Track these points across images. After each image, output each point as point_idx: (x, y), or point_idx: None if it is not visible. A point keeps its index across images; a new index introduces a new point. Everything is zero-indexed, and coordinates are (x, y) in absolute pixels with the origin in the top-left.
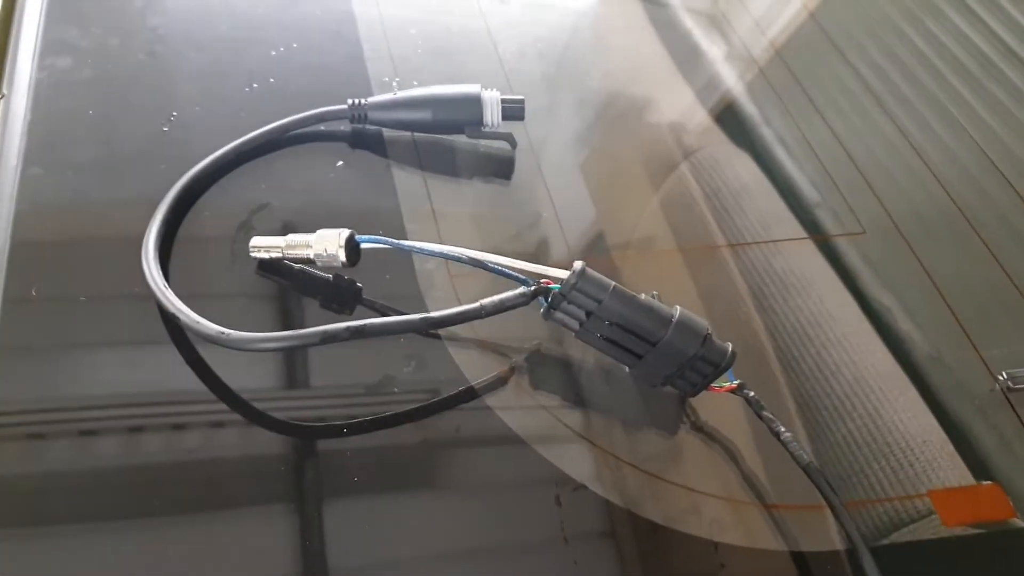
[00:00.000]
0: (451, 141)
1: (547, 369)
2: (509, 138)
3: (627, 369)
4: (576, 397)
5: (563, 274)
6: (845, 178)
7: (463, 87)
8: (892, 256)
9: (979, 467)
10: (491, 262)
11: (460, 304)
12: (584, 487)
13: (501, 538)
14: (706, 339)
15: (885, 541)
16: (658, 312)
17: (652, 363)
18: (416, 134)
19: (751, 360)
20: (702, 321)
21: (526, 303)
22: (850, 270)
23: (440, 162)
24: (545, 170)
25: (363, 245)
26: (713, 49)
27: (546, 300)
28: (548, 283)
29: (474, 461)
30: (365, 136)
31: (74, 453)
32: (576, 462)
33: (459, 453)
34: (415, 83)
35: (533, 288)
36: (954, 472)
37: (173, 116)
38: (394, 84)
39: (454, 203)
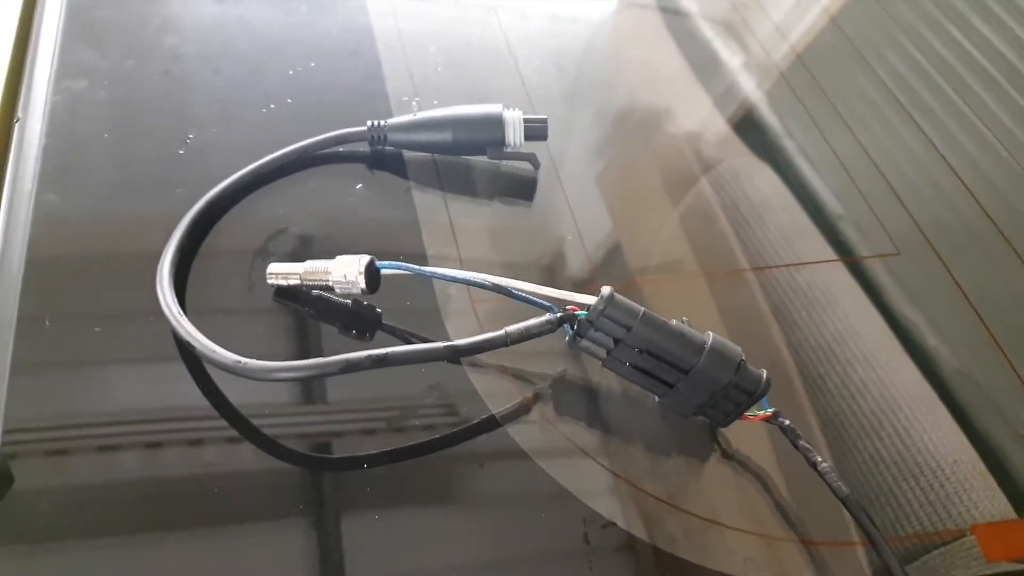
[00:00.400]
0: (472, 162)
1: (572, 398)
2: (532, 158)
3: (656, 399)
4: (603, 428)
5: (590, 300)
6: (874, 193)
7: (484, 107)
8: (925, 273)
9: (1012, 488)
10: (515, 288)
11: (482, 331)
12: (613, 524)
13: None
14: (740, 366)
15: (917, 563)
16: (690, 338)
17: (684, 392)
18: (437, 156)
19: (778, 381)
20: (736, 347)
21: (552, 331)
22: (879, 286)
23: (461, 184)
24: (568, 189)
25: (383, 271)
26: (734, 59)
27: (572, 328)
28: (574, 310)
29: (497, 498)
30: (385, 158)
31: (86, 472)
32: (605, 498)
33: (481, 489)
34: (435, 102)
35: (559, 315)
36: (986, 493)
37: (189, 138)
38: (414, 103)
39: (475, 226)
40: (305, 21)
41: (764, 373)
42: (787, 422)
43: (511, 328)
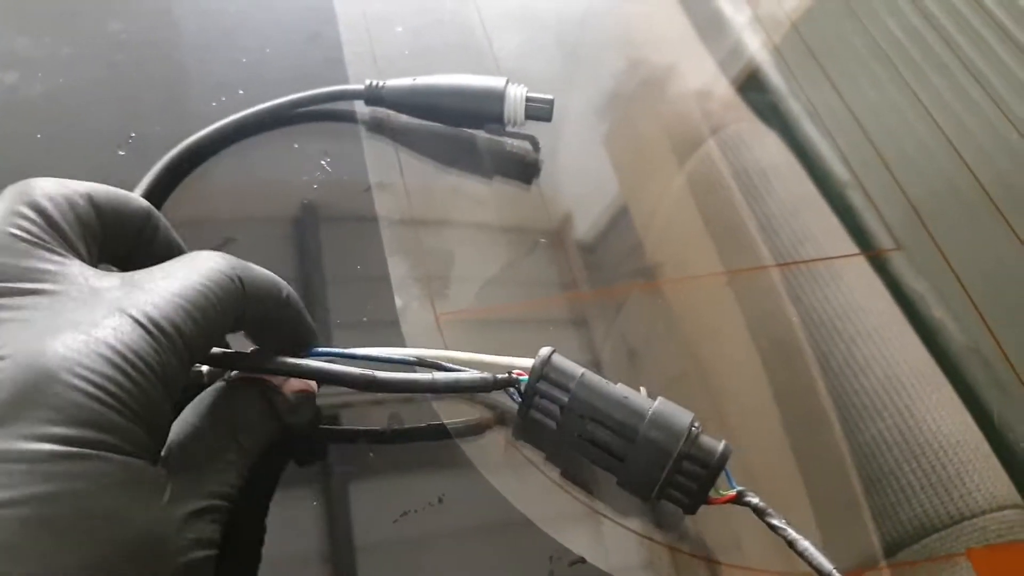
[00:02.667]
0: (475, 135)
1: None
2: (532, 140)
3: (616, 481)
4: (573, 459)
5: (528, 364)
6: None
7: (487, 79)
8: (921, 251)
9: (1015, 470)
10: (447, 360)
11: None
12: (583, 560)
13: None
14: (690, 432)
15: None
16: (633, 402)
17: (636, 467)
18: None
19: (782, 360)
20: (686, 412)
21: (487, 390)
22: (887, 264)
23: (454, 157)
24: (561, 174)
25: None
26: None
27: (519, 394)
28: (519, 374)
29: (456, 530)
30: (380, 122)
31: None
32: (574, 531)
33: (439, 520)
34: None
35: (498, 378)
36: (989, 475)
37: (132, 137)
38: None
39: (462, 206)
40: (260, 2)
41: (722, 443)
42: (756, 500)
43: (440, 376)
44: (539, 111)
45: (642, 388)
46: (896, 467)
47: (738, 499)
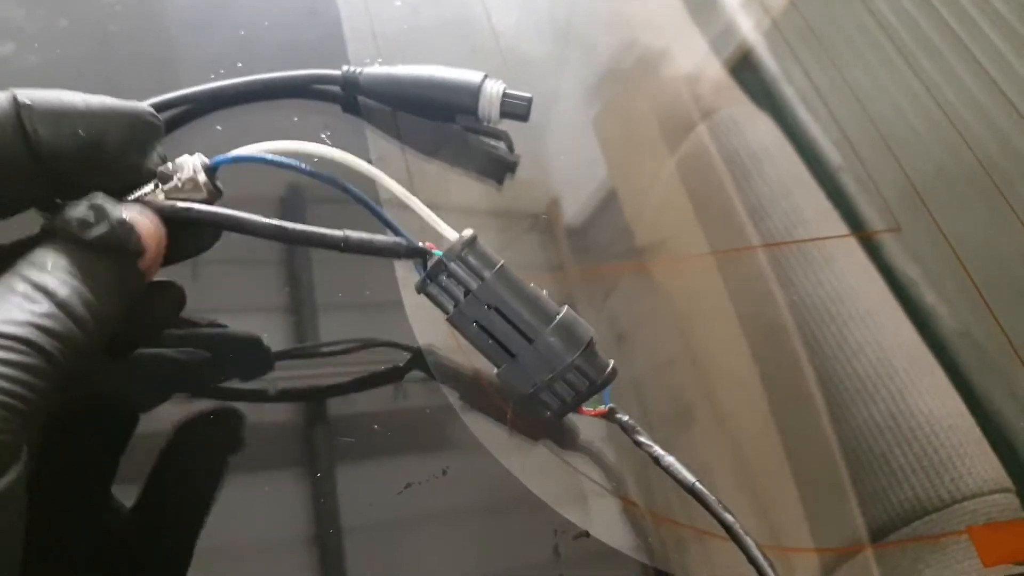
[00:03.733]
0: (446, 128)
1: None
2: (506, 137)
3: (495, 371)
4: (577, 429)
5: (453, 236)
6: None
7: (464, 72)
8: (920, 232)
9: (1006, 454)
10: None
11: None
12: (587, 534)
13: None
14: (588, 346)
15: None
16: (544, 305)
17: (525, 364)
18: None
19: (772, 342)
20: (588, 327)
21: (397, 256)
22: (879, 247)
23: (428, 147)
24: (552, 156)
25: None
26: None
27: (424, 267)
28: (431, 247)
29: (461, 504)
30: (353, 107)
31: None
32: (578, 505)
33: (444, 495)
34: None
35: (410, 246)
36: (980, 460)
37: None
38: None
39: (457, 188)
40: None
41: (611, 363)
42: (625, 418)
43: (353, 233)
44: (515, 109)
45: (544, 290)
46: (888, 451)
47: (609, 415)
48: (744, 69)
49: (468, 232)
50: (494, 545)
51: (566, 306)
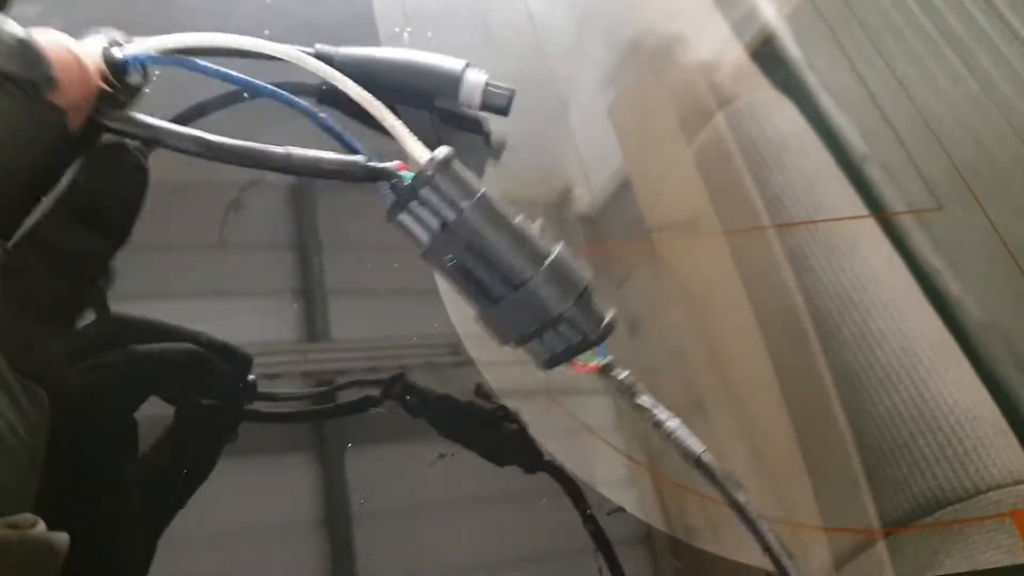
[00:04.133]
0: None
1: (587, 387)
2: (481, 129)
3: (474, 314)
4: (612, 405)
5: (425, 155)
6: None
7: (445, 59)
8: (961, 224)
9: None
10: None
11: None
12: (622, 510)
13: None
14: (584, 295)
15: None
16: (531, 244)
17: (508, 312)
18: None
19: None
20: (584, 272)
21: (353, 179)
22: (904, 232)
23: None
24: (572, 139)
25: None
26: None
27: (392, 191)
28: (402, 167)
29: (499, 481)
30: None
31: None
32: (613, 482)
33: (479, 469)
34: (429, 34)
35: (372, 165)
36: (1005, 451)
37: (156, 76)
38: (405, 34)
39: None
40: None
41: (611, 313)
42: (623, 376)
43: (296, 152)
44: (497, 100)
45: (541, 219)
46: (910, 440)
47: (604, 371)
48: (771, 54)
49: (443, 150)
50: (528, 520)
51: (560, 244)
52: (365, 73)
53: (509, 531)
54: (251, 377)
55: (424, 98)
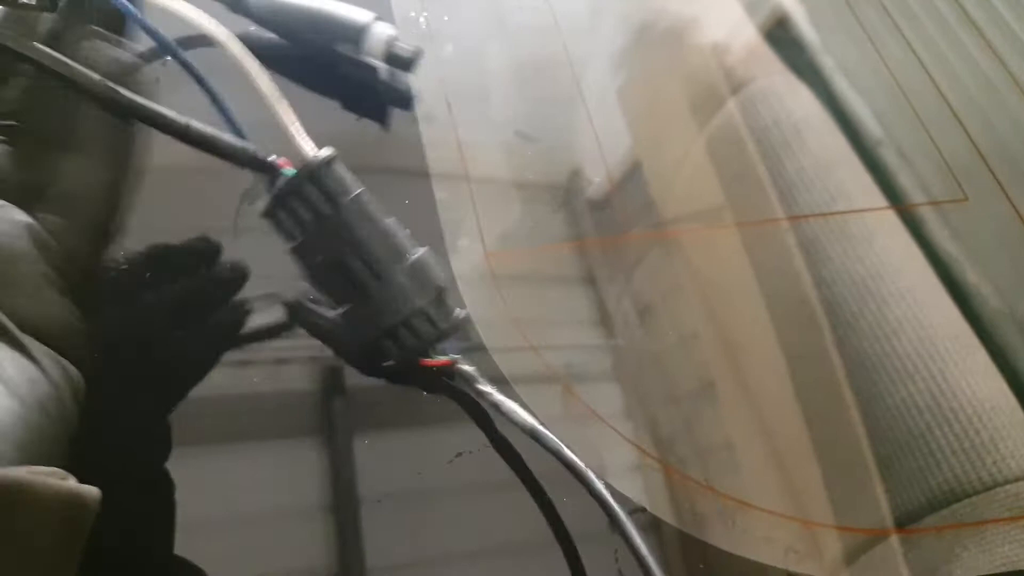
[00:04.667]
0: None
1: (601, 370)
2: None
3: (334, 313)
4: (634, 403)
5: (313, 153)
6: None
7: (356, 9)
8: (986, 214)
9: None
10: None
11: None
12: (643, 510)
13: None
14: (440, 292)
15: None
16: (399, 243)
17: (370, 307)
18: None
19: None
20: (442, 272)
21: (239, 164)
22: (922, 222)
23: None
24: (588, 121)
25: None
26: None
27: (271, 186)
28: (284, 164)
29: (518, 480)
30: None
31: None
32: (635, 481)
33: (497, 466)
34: (445, 18)
35: (254, 155)
36: (1023, 444)
37: (164, 61)
38: (421, 19)
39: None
40: None
41: (463, 313)
42: (469, 368)
43: (196, 124)
44: (402, 54)
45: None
46: (927, 431)
47: (452, 366)
48: (784, 35)
49: (327, 151)
50: (548, 519)
51: (425, 248)
52: (276, 13)
53: (527, 526)
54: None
55: (330, 42)
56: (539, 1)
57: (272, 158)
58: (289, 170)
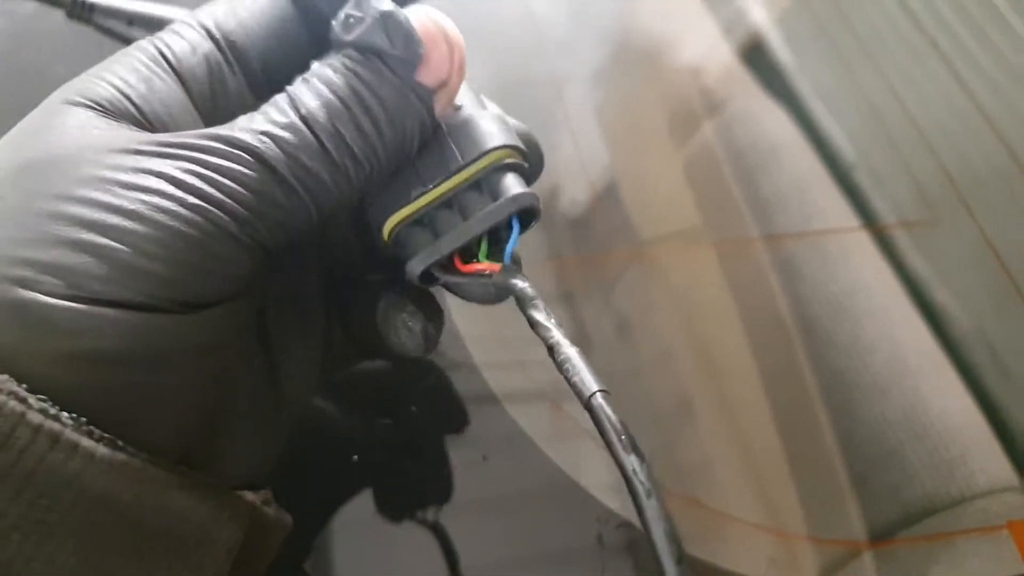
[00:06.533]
0: None
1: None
2: None
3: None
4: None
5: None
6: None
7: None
8: (954, 235)
9: (1019, 453)
10: None
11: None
12: (629, 524)
13: None
14: (492, 154)
15: (917, 526)
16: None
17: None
18: None
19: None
20: (519, 125)
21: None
22: (896, 244)
23: None
24: (569, 144)
25: None
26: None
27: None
28: None
29: (504, 493)
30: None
31: None
32: (622, 495)
33: (486, 483)
34: None
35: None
36: (990, 458)
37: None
38: None
39: None
40: None
41: (534, 196)
42: (523, 284)
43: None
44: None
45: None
46: (899, 447)
47: (503, 272)
48: (761, 59)
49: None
50: (536, 533)
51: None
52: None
53: (515, 541)
54: None
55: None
56: (524, 20)
57: None
58: None
